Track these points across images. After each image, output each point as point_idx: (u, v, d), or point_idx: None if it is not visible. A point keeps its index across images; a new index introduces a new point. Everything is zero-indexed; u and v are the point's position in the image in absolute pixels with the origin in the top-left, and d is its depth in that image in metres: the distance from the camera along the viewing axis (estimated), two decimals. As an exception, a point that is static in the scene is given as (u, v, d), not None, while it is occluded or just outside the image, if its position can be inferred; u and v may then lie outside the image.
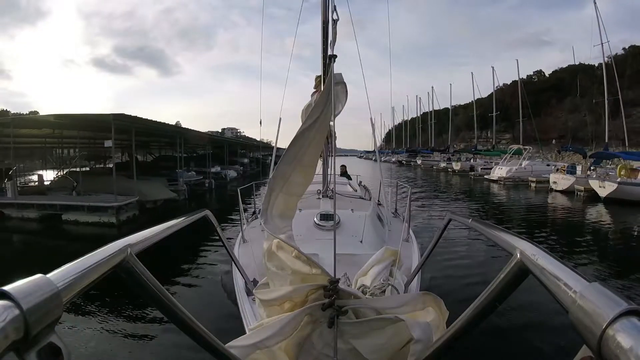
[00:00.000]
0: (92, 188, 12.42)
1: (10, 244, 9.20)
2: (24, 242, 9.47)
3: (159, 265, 6.27)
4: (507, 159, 24.32)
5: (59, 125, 13.61)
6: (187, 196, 14.60)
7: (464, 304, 0.81)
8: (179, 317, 0.83)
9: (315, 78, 4.27)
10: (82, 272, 0.55)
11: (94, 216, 10.43)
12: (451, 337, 0.87)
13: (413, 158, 47.01)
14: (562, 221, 11.35)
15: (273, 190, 1.50)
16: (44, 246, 8.81)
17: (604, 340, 0.39)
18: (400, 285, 1.99)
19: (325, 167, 4.63)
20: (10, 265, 6.64)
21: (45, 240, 9.49)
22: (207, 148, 23.85)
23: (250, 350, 1.08)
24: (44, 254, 7.69)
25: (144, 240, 0.84)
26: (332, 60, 1.78)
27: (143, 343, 3.83)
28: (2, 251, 8.28)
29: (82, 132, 15.18)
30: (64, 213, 10.78)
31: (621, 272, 6.36)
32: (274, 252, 1.47)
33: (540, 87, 53.08)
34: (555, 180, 17.48)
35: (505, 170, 21.97)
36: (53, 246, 8.75)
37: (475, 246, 7.14)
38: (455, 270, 5.89)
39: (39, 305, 0.42)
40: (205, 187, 17.71)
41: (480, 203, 15.48)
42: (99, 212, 10.46)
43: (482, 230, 1.04)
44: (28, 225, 10.63)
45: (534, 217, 12.02)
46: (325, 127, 1.58)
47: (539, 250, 0.66)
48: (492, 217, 12.02)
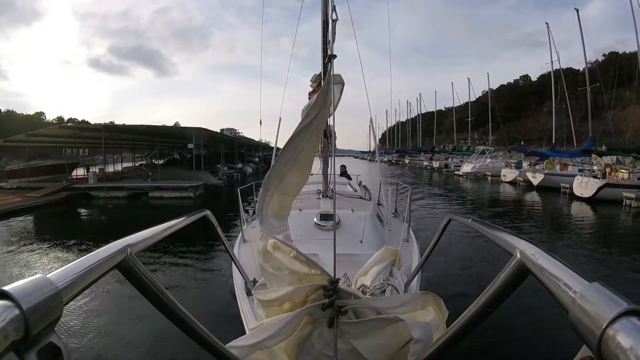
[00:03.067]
0: (162, 176, 18.12)
1: (108, 215, 13.55)
2: (115, 214, 13.58)
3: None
4: (474, 158, 29.35)
5: (143, 131, 20.71)
6: (226, 183, 19.92)
7: (464, 304, 0.81)
8: (179, 317, 0.82)
9: (314, 78, 4.27)
10: (82, 272, 0.55)
11: (175, 193, 15.68)
12: (451, 337, 0.87)
13: (402, 158, 52.98)
14: (503, 201, 16.61)
15: (268, 189, 1.50)
16: (134, 214, 13.29)
17: (604, 340, 0.39)
18: (400, 285, 1.99)
19: (325, 167, 4.63)
20: (119, 227, 10.25)
21: (136, 210, 14.03)
22: (235, 149, 30.56)
23: (250, 350, 1.08)
24: (133, 220, 11.68)
25: (144, 240, 0.83)
26: (332, 60, 1.78)
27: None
28: (107, 219, 12.79)
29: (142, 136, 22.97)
30: (151, 192, 16.04)
31: (539, 226, 10.79)
32: (269, 252, 1.46)
33: (526, 90, 55.11)
34: (505, 173, 22.57)
35: (470, 167, 27.36)
36: (139, 215, 12.98)
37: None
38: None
39: (39, 305, 0.42)
40: (234, 178, 23.03)
41: (445, 190, 20.64)
42: (180, 190, 15.76)
43: (482, 230, 1.04)
44: (117, 203, 15.23)
45: (483, 198, 17.67)
46: (321, 127, 1.58)
47: (539, 250, 0.66)
48: (451, 198, 16.99)
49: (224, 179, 20.50)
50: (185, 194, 15.61)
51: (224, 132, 34.63)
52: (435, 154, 43.77)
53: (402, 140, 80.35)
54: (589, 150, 18.79)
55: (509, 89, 61.38)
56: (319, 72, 3.98)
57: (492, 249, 6.36)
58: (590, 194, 14.28)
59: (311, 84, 4.45)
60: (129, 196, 15.93)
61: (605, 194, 13.87)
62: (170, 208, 13.95)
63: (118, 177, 21.46)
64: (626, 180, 14.52)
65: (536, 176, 18.63)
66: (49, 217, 12.59)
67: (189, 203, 14.57)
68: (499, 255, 6.18)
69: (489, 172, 24.87)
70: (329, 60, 1.79)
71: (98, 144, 20.72)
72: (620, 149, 17.86)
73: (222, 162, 23.91)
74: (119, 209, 14.40)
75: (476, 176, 25.89)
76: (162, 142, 26.22)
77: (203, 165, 19.38)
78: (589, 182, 14.69)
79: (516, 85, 60.72)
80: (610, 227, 10.92)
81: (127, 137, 23.82)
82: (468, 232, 6.79)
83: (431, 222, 10.04)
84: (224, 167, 23.92)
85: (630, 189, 13.47)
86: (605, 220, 11.60)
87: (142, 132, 20.97)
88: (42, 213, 12.80)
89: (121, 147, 30.52)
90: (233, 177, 23.22)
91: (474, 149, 33.47)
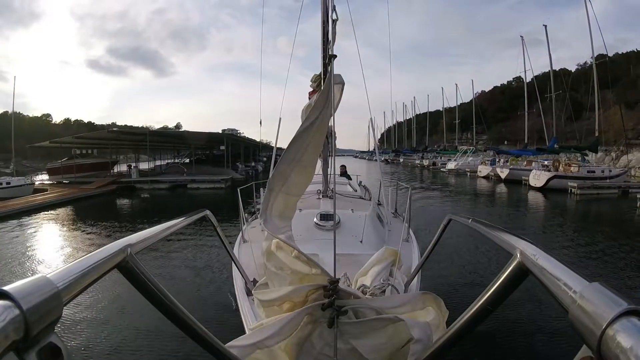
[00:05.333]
0: (196, 172, 22.48)
1: (155, 202, 16.81)
2: (163, 201, 16.91)
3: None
4: (459, 157, 33.56)
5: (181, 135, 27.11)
6: (245, 177, 23.19)
7: (463, 304, 0.81)
8: (179, 316, 0.82)
9: (314, 78, 4.26)
10: (82, 272, 0.55)
11: (209, 184, 19.86)
12: (451, 337, 0.87)
13: (397, 157, 58.28)
14: (475, 191, 19.97)
15: (272, 190, 1.50)
16: (177, 201, 16.88)
17: (604, 340, 0.39)
18: (400, 285, 1.98)
19: (326, 167, 4.63)
20: (167, 208, 14.26)
21: (177, 199, 17.57)
22: (250, 149, 34.61)
23: (250, 350, 1.08)
24: (178, 204, 15.56)
25: (144, 240, 0.83)
26: (332, 60, 1.78)
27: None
28: (156, 203, 16.28)
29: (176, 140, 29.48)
30: (189, 184, 20.24)
31: (500, 208, 14.25)
32: (273, 252, 1.46)
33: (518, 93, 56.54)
34: (480, 169, 26.45)
35: (453, 164, 31.60)
36: (182, 201, 16.59)
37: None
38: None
39: (39, 305, 0.42)
40: (249, 174, 26.73)
41: (431, 183, 24.40)
42: (214, 182, 19.98)
43: (482, 230, 1.04)
44: (160, 193, 19.04)
45: (460, 189, 20.99)
46: (324, 127, 1.58)
47: (539, 250, 0.65)
48: (434, 189, 20.33)
49: (243, 174, 25.24)
50: (218, 185, 19.71)
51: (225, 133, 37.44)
52: (426, 154, 48.43)
53: (399, 141, 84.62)
54: (542, 149, 23.47)
55: (501, 90, 64.23)
56: (319, 72, 3.97)
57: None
58: (542, 184, 17.59)
59: (311, 84, 4.45)
60: (169, 188, 19.87)
61: (554, 184, 17.21)
62: (206, 196, 17.60)
63: (155, 172, 25.41)
64: (573, 172, 18.07)
65: (503, 171, 22.46)
66: (107, 203, 16.31)
67: (222, 192, 18.55)
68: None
69: (469, 169, 28.85)
70: (329, 60, 1.79)
71: (127, 146, 26.02)
72: (571, 147, 21.82)
73: (241, 161, 29.16)
74: (163, 197, 17.96)
75: (458, 172, 29.78)
76: (196, 145, 30.33)
77: (225, 164, 24.10)
78: (540, 175, 18.21)
79: (509, 86, 62.83)
80: (554, 208, 14.05)
81: (163, 140, 29.39)
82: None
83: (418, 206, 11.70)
84: (242, 165, 28.87)
85: (574, 179, 16.96)
86: (551, 204, 14.72)
87: (179, 136, 27.40)
88: (100, 200, 16.63)
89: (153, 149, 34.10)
90: (249, 173, 27.55)
91: (457, 149, 38.14)
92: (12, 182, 16.83)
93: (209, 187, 19.59)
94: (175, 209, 13.84)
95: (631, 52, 47.78)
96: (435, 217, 8.86)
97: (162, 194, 18.66)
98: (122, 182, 20.11)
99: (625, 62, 43.85)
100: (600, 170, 18.46)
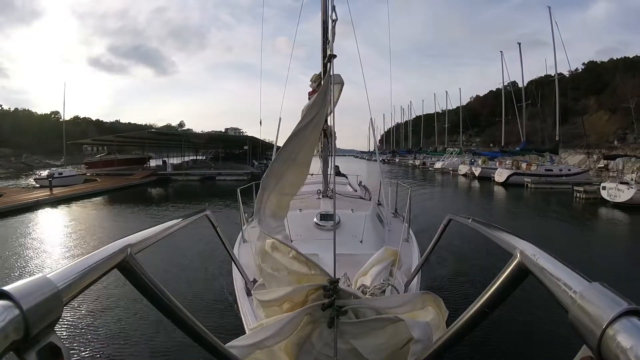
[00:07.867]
0: (221, 167, 27.23)
1: (190, 190, 20.62)
2: (194, 190, 20.80)
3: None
4: (446, 157, 37.20)
5: (210, 137, 33.92)
6: (260, 172, 24.35)
7: (463, 304, 0.81)
8: (179, 316, 0.82)
9: (314, 78, 4.27)
10: (82, 272, 0.55)
11: (234, 176, 23.94)
12: (451, 336, 0.86)
13: (394, 157, 63.08)
14: (453, 185, 24.21)
15: (265, 189, 1.49)
16: (208, 190, 20.83)
17: (604, 340, 0.39)
18: (400, 285, 1.98)
19: (325, 167, 4.63)
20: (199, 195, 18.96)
21: (208, 188, 21.52)
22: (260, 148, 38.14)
23: (250, 350, 1.08)
24: (209, 192, 19.67)
25: (144, 240, 0.83)
26: (332, 60, 1.78)
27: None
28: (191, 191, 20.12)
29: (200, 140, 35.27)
30: (217, 176, 24.95)
31: (469, 198, 18.61)
32: (268, 252, 1.45)
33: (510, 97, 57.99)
34: (460, 168, 30.18)
35: (440, 164, 35.67)
36: (214, 190, 20.49)
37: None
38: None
39: (39, 306, 0.42)
40: (263, 170, 26.28)
41: (420, 179, 28.46)
42: (237, 175, 24.27)
43: (482, 230, 1.04)
44: (192, 184, 23.52)
45: (441, 184, 25.08)
46: (320, 126, 1.57)
47: (539, 250, 0.65)
48: (420, 183, 24.19)
49: (259, 169, 28.63)
50: (241, 177, 23.32)
51: (228, 131, 42.05)
52: (418, 154, 53.43)
53: (398, 142, 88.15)
54: (506, 151, 28.06)
55: (495, 95, 66.33)
56: (319, 72, 3.98)
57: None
58: (503, 180, 21.65)
59: (311, 83, 4.45)
60: (200, 179, 24.45)
61: (514, 179, 21.27)
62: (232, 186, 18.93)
63: (187, 167, 30.37)
64: (532, 170, 22.14)
65: (477, 170, 26.42)
66: (149, 191, 20.23)
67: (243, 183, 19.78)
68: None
69: (452, 168, 32.57)
70: (329, 60, 1.79)
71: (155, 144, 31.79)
72: (533, 149, 25.87)
73: (258, 158, 33.48)
74: (196, 187, 22.22)
75: (443, 171, 33.91)
76: (224, 145, 36.33)
77: (248, 160, 29.16)
78: (503, 172, 22.43)
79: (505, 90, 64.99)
80: (509, 197, 18.06)
81: (194, 141, 34.48)
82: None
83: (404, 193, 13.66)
84: (257, 161, 32.70)
85: (529, 176, 21.10)
86: (509, 194, 18.81)
87: (210, 138, 33.35)
88: (143, 189, 20.68)
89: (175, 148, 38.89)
90: (262, 168, 30.11)
91: (444, 151, 43.01)
92: (64, 172, 20.60)
93: (234, 179, 23.28)
94: (208, 196, 18.59)
95: (619, 59, 48.60)
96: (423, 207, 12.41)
97: (194, 185, 23.17)
98: (159, 174, 24.82)
99: (613, 68, 44.70)
100: (558, 169, 21.97)
